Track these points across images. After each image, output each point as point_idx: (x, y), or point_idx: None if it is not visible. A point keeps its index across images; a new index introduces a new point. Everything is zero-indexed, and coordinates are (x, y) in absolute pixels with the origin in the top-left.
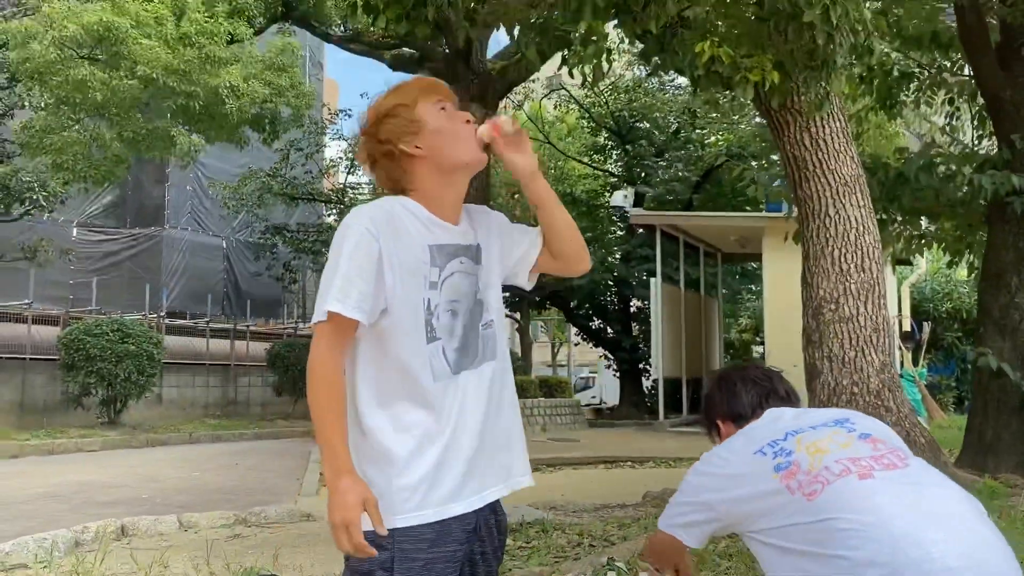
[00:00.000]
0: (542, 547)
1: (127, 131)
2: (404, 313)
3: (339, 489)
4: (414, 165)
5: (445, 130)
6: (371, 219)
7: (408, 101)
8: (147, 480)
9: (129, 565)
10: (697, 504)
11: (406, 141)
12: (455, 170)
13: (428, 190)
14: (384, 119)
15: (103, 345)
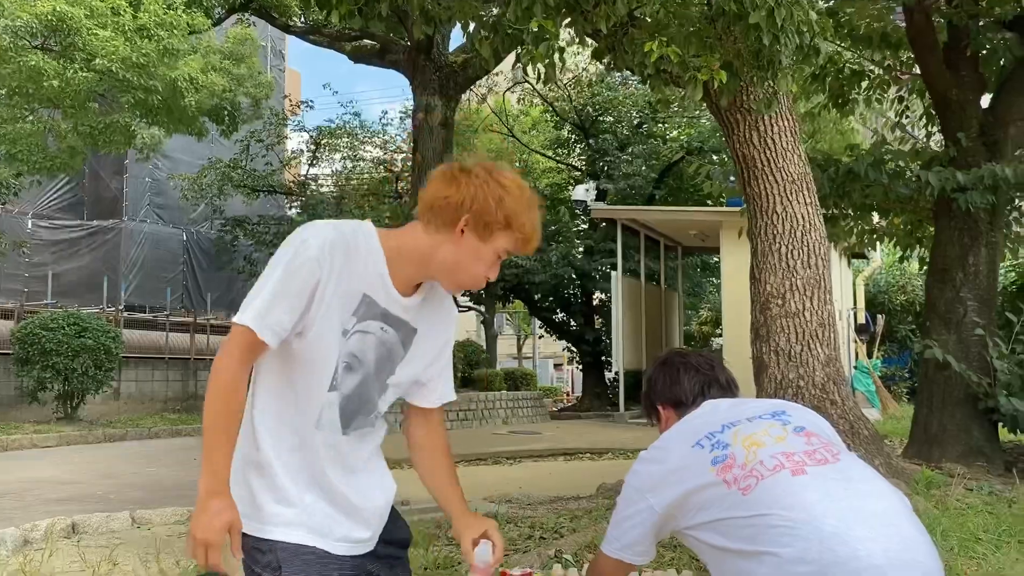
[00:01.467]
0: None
1: (83, 124)
2: (317, 349)
3: (208, 509)
4: (440, 237)
5: (473, 266)
6: (326, 245)
7: (508, 208)
8: (102, 476)
9: (78, 563)
10: (638, 512)
11: (462, 219)
12: (440, 277)
13: (411, 256)
14: (495, 206)
15: (59, 339)
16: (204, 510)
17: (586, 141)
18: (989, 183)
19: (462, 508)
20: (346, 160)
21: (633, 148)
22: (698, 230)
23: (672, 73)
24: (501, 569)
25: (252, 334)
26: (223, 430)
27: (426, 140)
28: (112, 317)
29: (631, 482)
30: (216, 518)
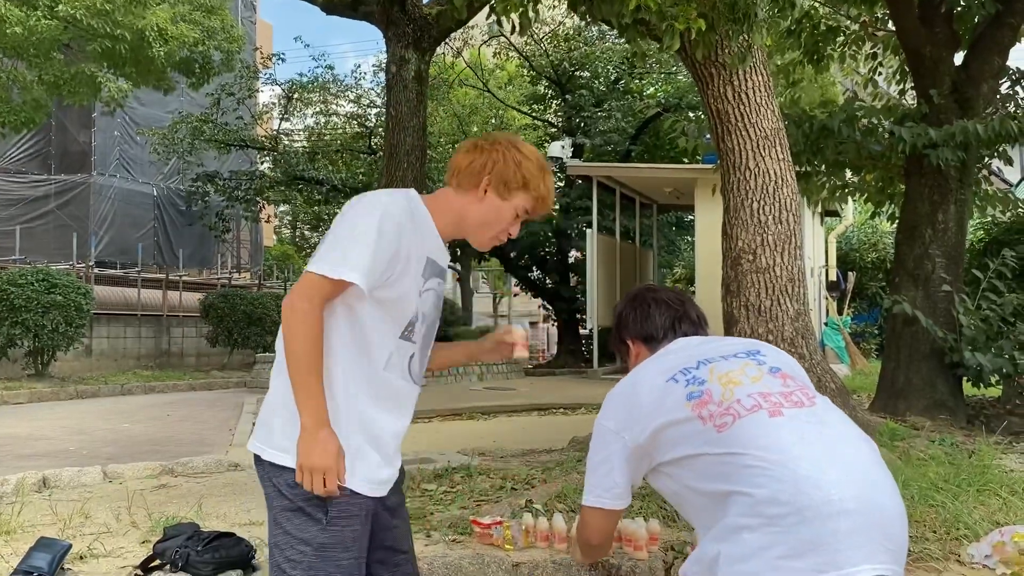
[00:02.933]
0: (465, 491)
1: (48, 74)
2: (396, 306)
3: (320, 438)
4: (468, 197)
5: (497, 223)
6: (405, 212)
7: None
8: (74, 432)
9: (49, 516)
10: (613, 453)
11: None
12: (471, 235)
13: (449, 214)
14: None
15: (28, 295)
16: (316, 440)
17: (562, 97)
18: (960, 140)
19: (469, 344)
20: (319, 115)
21: (610, 104)
22: (673, 187)
23: (649, 24)
24: (472, 517)
25: (338, 286)
26: (317, 370)
27: (400, 94)
28: (82, 273)
29: (603, 423)
30: (330, 444)
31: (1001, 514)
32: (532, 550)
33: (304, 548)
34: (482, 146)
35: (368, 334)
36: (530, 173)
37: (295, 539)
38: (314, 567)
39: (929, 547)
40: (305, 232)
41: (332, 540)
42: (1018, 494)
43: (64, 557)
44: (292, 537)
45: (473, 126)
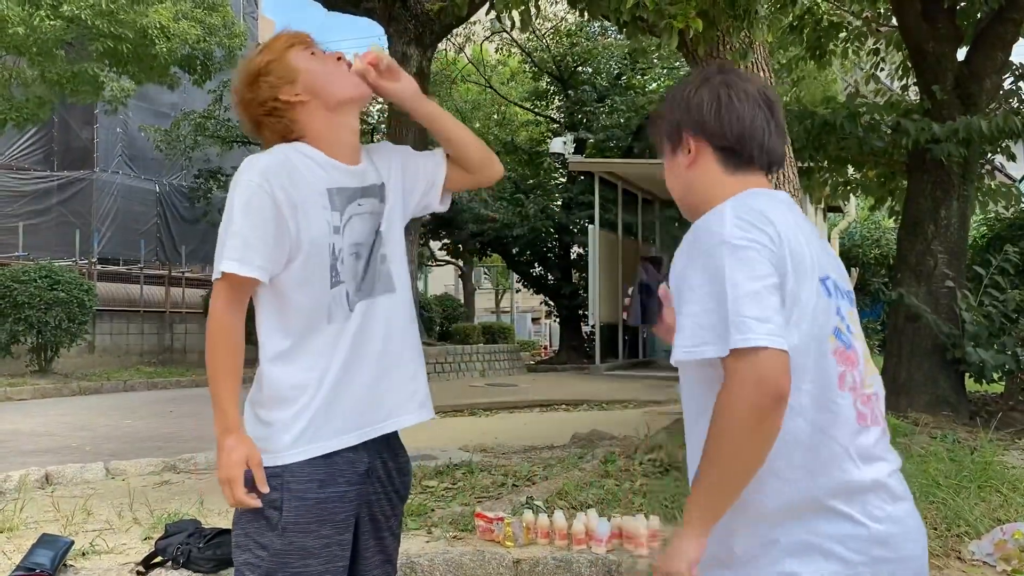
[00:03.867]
0: (467, 487)
1: (51, 72)
2: (311, 258)
3: (224, 447)
4: (299, 112)
5: (320, 71)
6: (263, 171)
7: (276, 55)
8: (77, 429)
9: (52, 513)
10: (767, 273)
11: (284, 91)
12: (340, 106)
13: (319, 133)
14: (258, 79)
15: (31, 292)
16: (221, 449)
17: (564, 92)
18: (963, 136)
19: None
20: None
21: (612, 100)
22: None
23: (648, 21)
24: (476, 510)
25: (233, 279)
26: (225, 372)
27: None
28: (85, 270)
29: (745, 235)
30: (232, 453)
31: (1002, 511)
32: (533, 547)
33: (262, 553)
34: (241, 108)
35: (299, 300)
36: (260, 58)
37: (254, 542)
38: (271, 573)
39: (930, 544)
40: None
41: (289, 547)
42: (1019, 491)
43: (66, 554)
44: (252, 540)
45: (475, 122)
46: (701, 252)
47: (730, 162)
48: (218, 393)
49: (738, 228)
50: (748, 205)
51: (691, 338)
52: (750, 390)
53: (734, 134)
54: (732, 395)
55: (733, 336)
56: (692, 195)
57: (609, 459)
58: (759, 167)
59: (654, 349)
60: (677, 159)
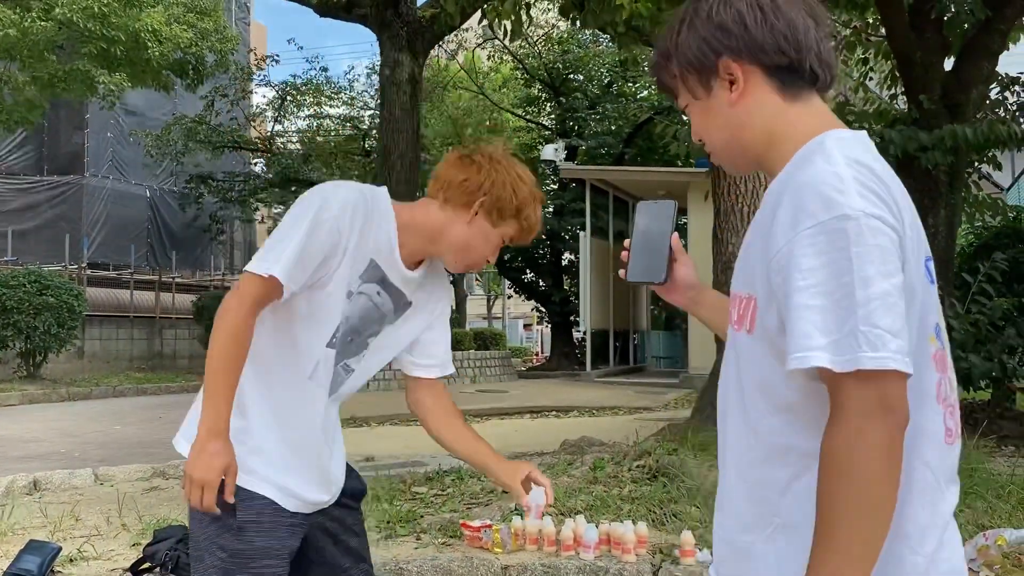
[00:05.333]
0: (456, 494)
1: (42, 72)
2: (325, 306)
3: (208, 450)
4: (454, 216)
5: (480, 249)
6: (348, 206)
7: (520, 216)
8: (65, 434)
9: (40, 519)
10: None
11: (478, 208)
12: (447, 255)
13: (422, 231)
14: (511, 194)
15: (20, 297)
16: (203, 450)
17: (556, 99)
18: (950, 144)
19: (497, 458)
20: (312, 118)
21: (603, 107)
22: (666, 191)
23: (642, 31)
24: (461, 521)
25: (269, 283)
26: (229, 372)
27: (393, 97)
28: (75, 275)
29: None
30: (215, 459)
31: (987, 517)
32: (521, 553)
33: (221, 554)
34: (479, 162)
35: (295, 338)
36: (525, 200)
37: (213, 543)
38: (231, 573)
39: None
40: None
41: (247, 547)
42: (1003, 497)
43: (54, 560)
44: (210, 541)
45: (467, 128)
46: (815, 223)
47: (789, 85)
48: (217, 391)
49: (864, 199)
50: (860, 161)
51: (804, 339)
52: (881, 424)
53: (791, 46)
54: (860, 430)
55: (863, 352)
56: (747, 140)
57: (598, 465)
58: (819, 87)
59: (644, 356)
60: (714, 98)
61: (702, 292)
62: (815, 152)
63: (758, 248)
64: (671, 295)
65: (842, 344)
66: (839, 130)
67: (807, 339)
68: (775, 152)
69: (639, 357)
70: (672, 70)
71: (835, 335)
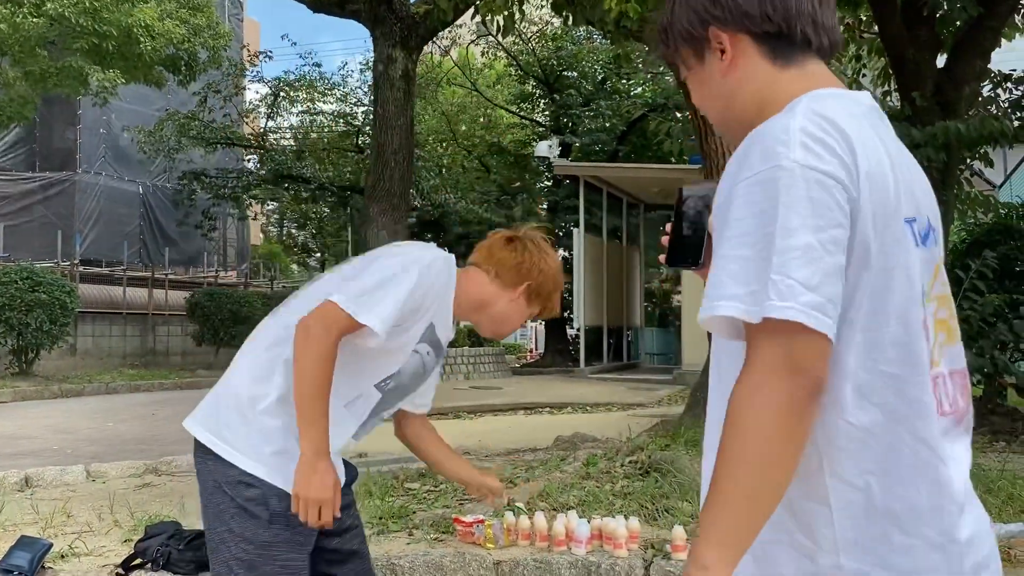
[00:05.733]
0: (449, 490)
1: (33, 68)
2: (393, 354)
3: (319, 469)
4: (502, 292)
5: (515, 321)
6: (443, 274)
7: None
8: (58, 431)
9: (31, 515)
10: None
11: (525, 290)
12: (485, 323)
13: (475, 297)
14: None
15: (12, 294)
16: (314, 471)
17: (550, 96)
18: (942, 140)
19: (473, 473)
20: (305, 114)
21: (597, 104)
22: (660, 187)
23: (632, 28)
24: (454, 516)
25: (356, 324)
26: (321, 397)
27: (387, 93)
28: (67, 271)
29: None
30: (327, 476)
31: None
32: (513, 548)
33: (248, 547)
34: (530, 249)
35: (351, 370)
36: (558, 288)
37: (239, 537)
38: (257, 566)
39: None
40: (292, 231)
41: (275, 539)
42: (993, 492)
43: (45, 556)
44: (235, 535)
45: (461, 125)
46: (752, 174)
47: (780, 51)
48: (314, 415)
49: (805, 148)
50: (819, 113)
51: (717, 288)
52: (783, 382)
53: (778, 12)
54: (760, 385)
55: (770, 300)
56: (738, 109)
57: (591, 461)
58: (816, 52)
59: (638, 352)
60: (707, 69)
61: None
62: (787, 109)
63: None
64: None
65: (756, 294)
66: (828, 88)
67: (719, 288)
68: (765, 118)
69: (633, 354)
70: (670, 43)
71: (753, 285)
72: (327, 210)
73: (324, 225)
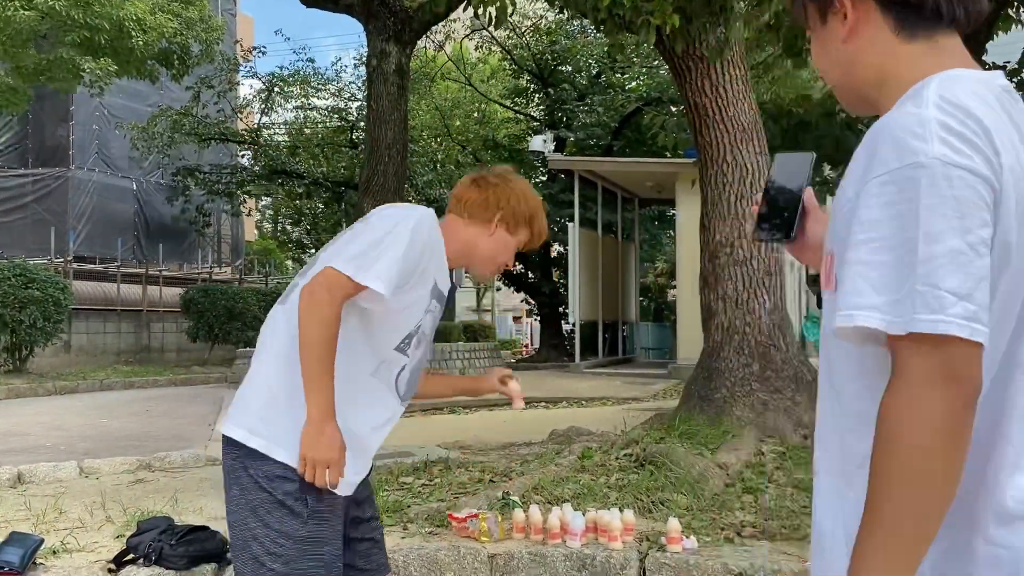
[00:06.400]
0: (444, 484)
1: (25, 62)
2: (404, 313)
3: (326, 432)
4: (477, 230)
5: (503, 255)
6: (435, 233)
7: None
8: (51, 428)
9: (24, 512)
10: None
11: (501, 223)
12: (478, 265)
13: (459, 243)
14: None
15: (5, 291)
16: (321, 433)
17: (544, 91)
18: None
19: (475, 377)
20: (299, 110)
21: (591, 98)
22: (654, 181)
23: (625, 18)
24: (448, 512)
25: (359, 287)
26: (326, 359)
27: (381, 88)
28: (61, 268)
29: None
30: (334, 439)
31: None
32: (508, 541)
33: (285, 541)
34: (492, 182)
35: (366, 337)
36: (535, 209)
37: (275, 531)
38: (293, 561)
39: None
40: (287, 226)
41: (312, 534)
42: None
43: (36, 551)
44: (272, 529)
45: (455, 120)
46: (885, 171)
47: (907, 21)
48: (320, 377)
49: (944, 143)
50: (955, 103)
51: (854, 296)
52: (941, 393)
53: None
54: (916, 398)
55: (918, 313)
56: (858, 79)
57: (586, 454)
58: (950, 24)
59: (634, 347)
60: (828, 31)
61: None
62: (912, 94)
63: (839, 201)
64: (802, 254)
65: (899, 305)
66: (958, 70)
67: (857, 296)
68: (885, 94)
69: (628, 348)
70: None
71: (894, 294)
72: (321, 206)
73: (319, 221)
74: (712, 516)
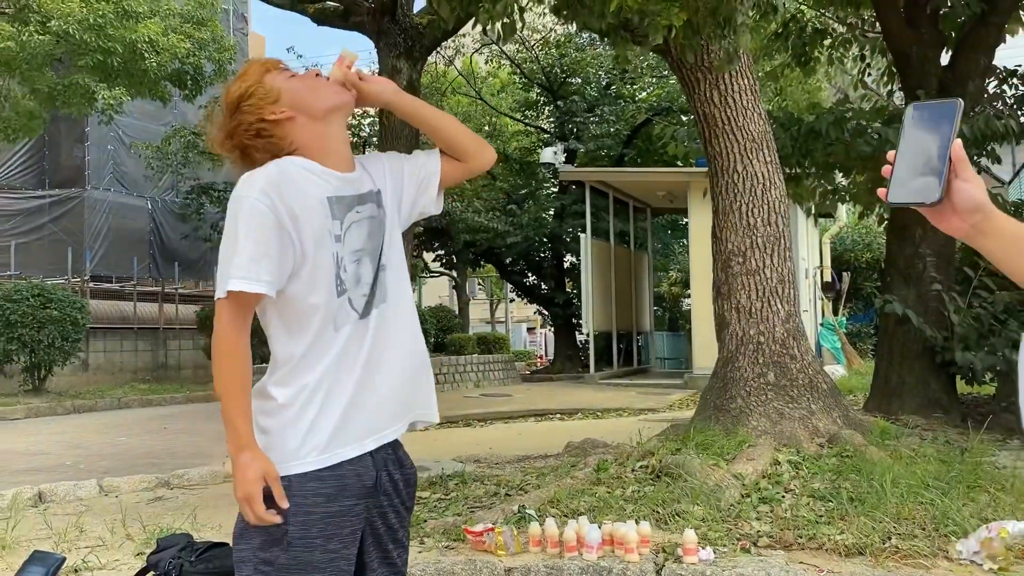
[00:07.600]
0: (460, 497)
1: (41, 86)
2: (316, 268)
3: (239, 464)
4: (287, 129)
5: (300, 86)
6: (262, 188)
7: (254, 80)
8: (71, 447)
9: (44, 531)
10: None
11: (269, 111)
12: (327, 115)
13: (311, 144)
14: (239, 105)
15: (24, 311)
16: (236, 467)
17: (554, 103)
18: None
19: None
20: None
21: (601, 109)
22: (666, 191)
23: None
24: (464, 526)
25: (240, 297)
26: (235, 388)
27: None
28: (78, 288)
29: None
30: (247, 470)
31: (990, 510)
32: (524, 555)
33: (267, 568)
34: (230, 92)
35: (304, 312)
36: (238, 85)
37: (258, 558)
38: None
39: (918, 544)
40: None
41: (296, 561)
42: (1006, 490)
43: (58, 571)
44: (255, 556)
45: None
46: None
47: None
48: (229, 410)
49: None
50: None
51: None
52: None
53: None
54: None
55: None
56: None
57: (602, 467)
58: None
59: (648, 357)
60: None
61: (989, 217)
62: None
63: None
64: (947, 221)
65: None
66: None
67: None
68: None
69: (643, 358)
70: None
71: None
72: None
73: None
74: (728, 527)
